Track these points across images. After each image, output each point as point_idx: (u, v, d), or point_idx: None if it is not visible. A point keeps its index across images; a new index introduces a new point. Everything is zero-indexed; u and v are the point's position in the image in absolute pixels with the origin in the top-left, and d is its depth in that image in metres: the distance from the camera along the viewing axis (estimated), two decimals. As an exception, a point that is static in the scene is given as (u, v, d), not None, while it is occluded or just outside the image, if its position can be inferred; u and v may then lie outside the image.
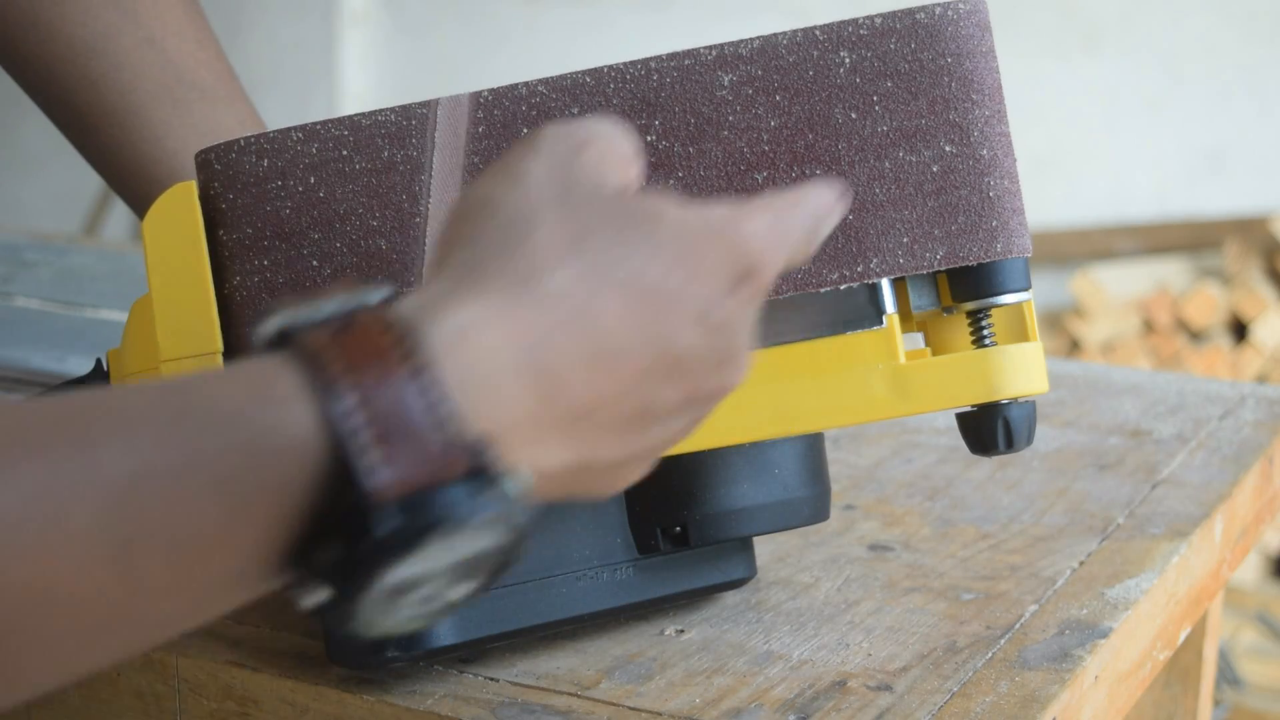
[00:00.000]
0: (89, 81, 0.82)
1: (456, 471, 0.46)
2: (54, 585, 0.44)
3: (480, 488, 0.46)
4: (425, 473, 0.46)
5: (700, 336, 0.52)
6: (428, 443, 0.46)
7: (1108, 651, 0.72)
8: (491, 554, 0.48)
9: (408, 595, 0.48)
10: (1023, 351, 0.66)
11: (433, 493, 0.46)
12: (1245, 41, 2.95)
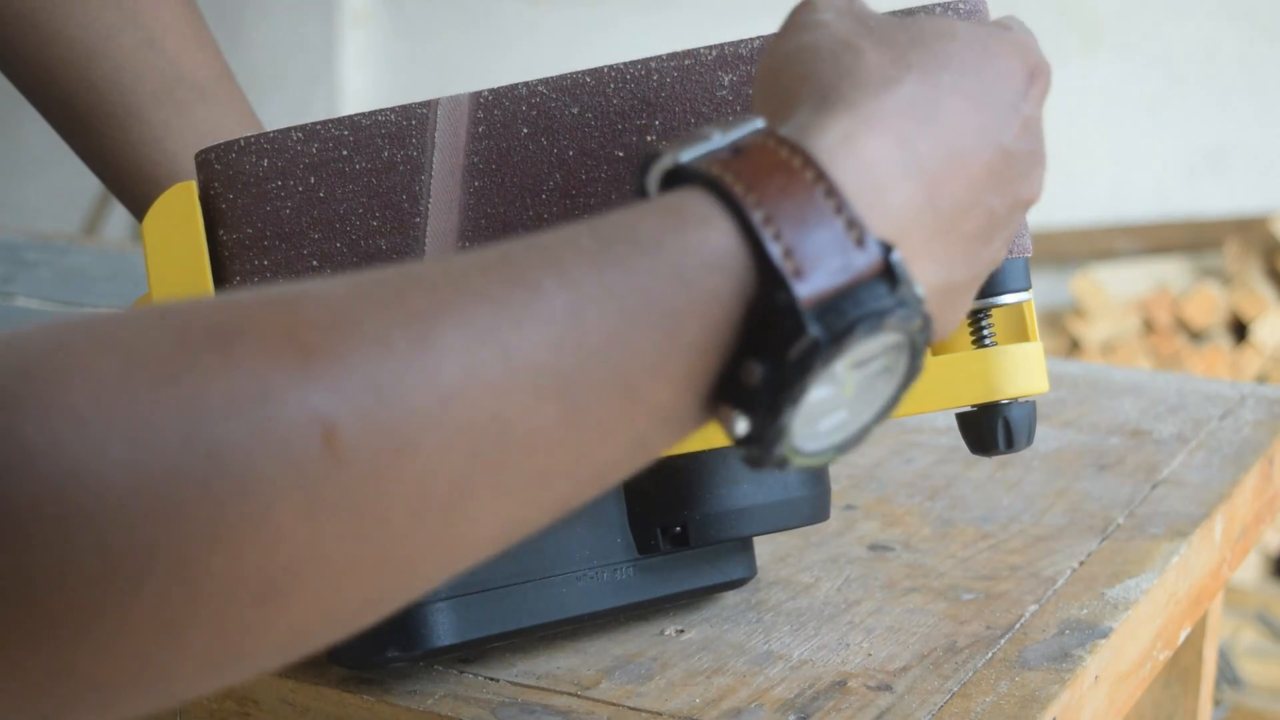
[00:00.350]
0: (89, 84, 0.82)
1: (870, 272, 0.47)
2: (509, 424, 0.44)
3: (892, 286, 0.48)
4: (843, 274, 0.47)
5: (1021, 135, 0.55)
6: (841, 245, 0.47)
7: (1108, 651, 0.72)
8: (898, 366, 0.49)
9: (826, 418, 0.49)
10: (1023, 351, 0.66)
11: (852, 292, 0.47)
12: (1245, 41, 2.95)
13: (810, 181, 0.48)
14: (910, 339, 0.49)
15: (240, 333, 0.42)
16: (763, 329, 0.47)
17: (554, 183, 0.65)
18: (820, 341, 0.46)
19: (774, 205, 0.47)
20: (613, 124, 0.65)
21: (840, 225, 0.48)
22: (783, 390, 0.47)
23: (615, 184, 0.65)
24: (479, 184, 0.65)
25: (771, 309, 0.47)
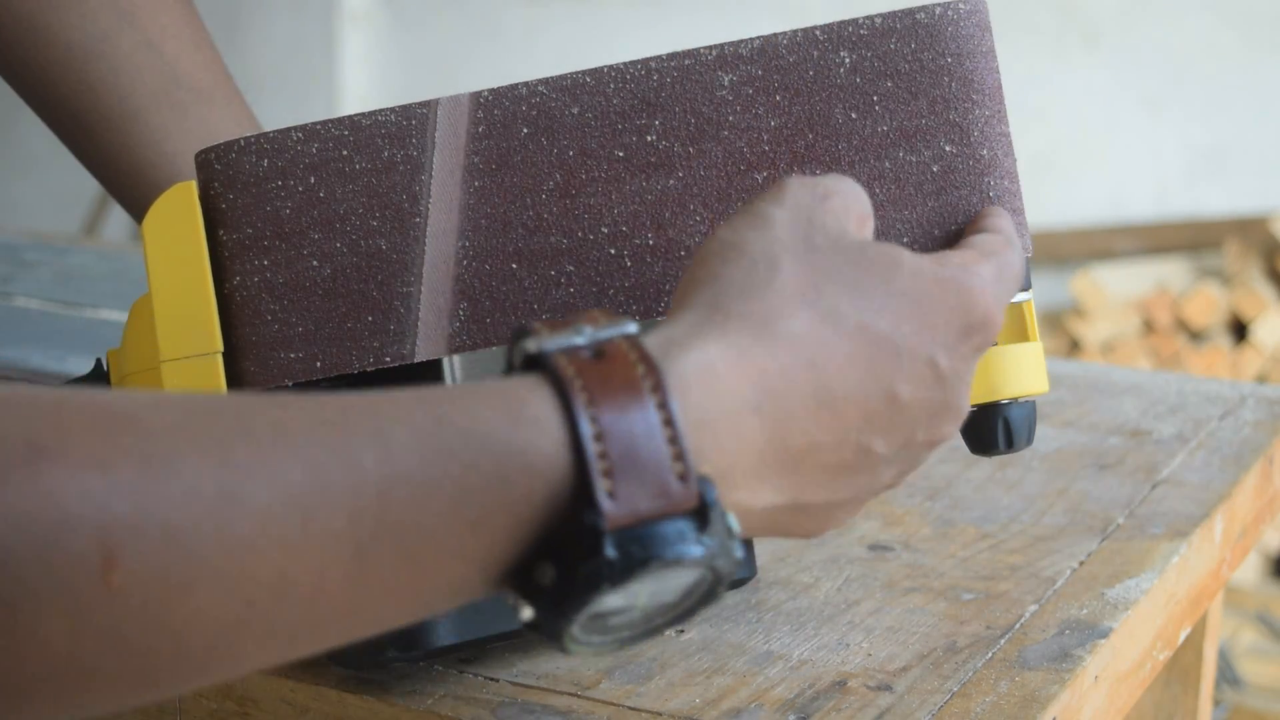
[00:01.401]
0: (87, 85, 0.81)
1: (683, 508, 0.48)
2: (293, 583, 0.45)
3: (701, 525, 0.48)
4: (655, 505, 0.48)
5: (924, 386, 0.55)
6: (663, 477, 0.48)
7: (1108, 651, 0.72)
8: (696, 590, 0.50)
9: (609, 620, 0.50)
10: (1023, 351, 0.66)
11: (658, 525, 0.48)
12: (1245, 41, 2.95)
13: (653, 407, 0.48)
14: (709, 574, 0.49)
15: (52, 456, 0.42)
16: (563, 538, 0.48)
17: (554, 183, 0.65)
18: (613, 565, 0.47)
19: (609, 423, 0.48)
20: (613, 124, 0.65)
21: (668, 457, 0.48)
22: (569, 599, 0.48)
23: (615, 184, 0.65)
24: (479, 184, 0.65)
25: (577, 524, 0.47)
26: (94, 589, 0.42)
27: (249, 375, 0.65)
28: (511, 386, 0.49)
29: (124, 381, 0.68)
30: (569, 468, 0.48)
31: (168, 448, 0.44)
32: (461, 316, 0.65)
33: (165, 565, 0.43)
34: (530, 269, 0.65)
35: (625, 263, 0.65)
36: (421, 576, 0.48)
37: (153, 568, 0.43)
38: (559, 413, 0.48)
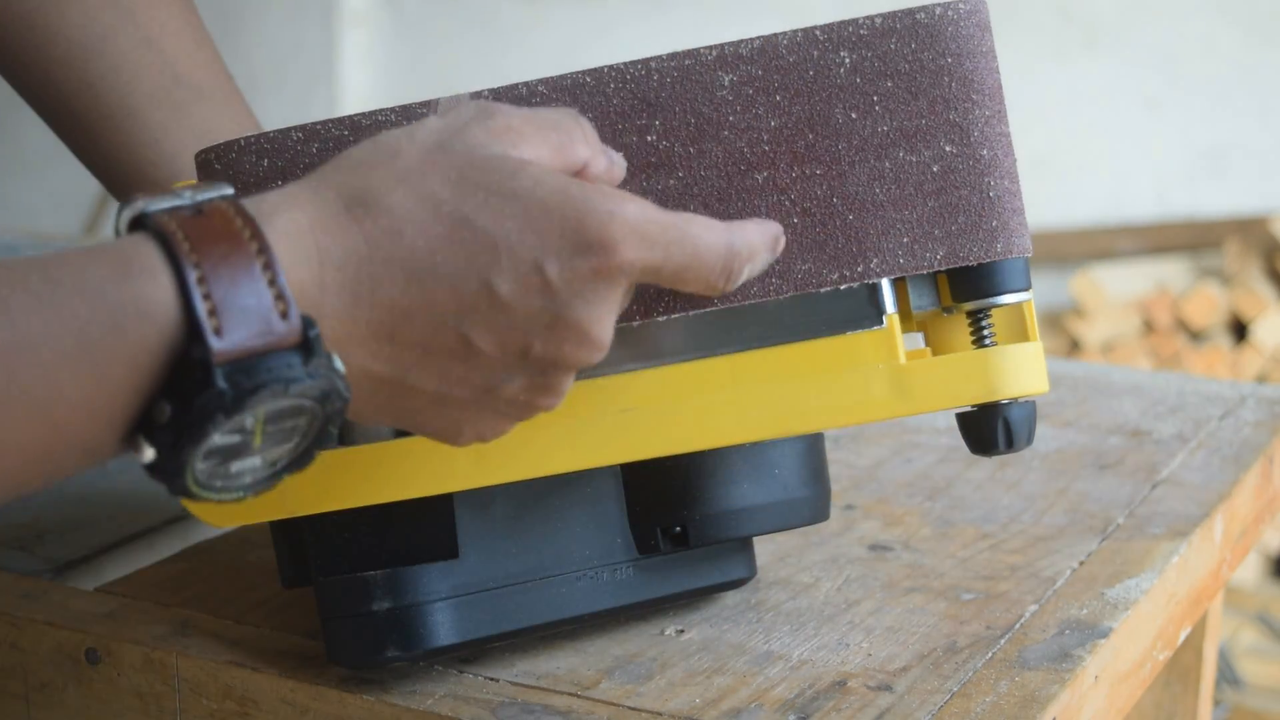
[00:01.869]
0: (87, 84, 0.81)
1: (288, 342, 0.52)
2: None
3: (306, 358, 0.52)
4: (260, 339, 0.52)
5: (528, 291, 0.56)
6: (265, 313, 0.52)
7: (1108, 651, 0.72)
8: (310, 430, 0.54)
9: (238, 462, 0.53)
10: (1023, 351, 0.66)
11: (265, 358, 0.52)
12: (1245, 41, 2.95)
13: (252, 253, 0.52)
14: (317, 409, 0.53)
15: None
16: (178, 376, 0.51)
17: (554, 183, 0.65)
18: (224, 395, 0.51)
19: (212, 267, 0.51)
20: (613, 124, 0.65)
21: (270, 297, 0.52)
22: (185, 431, 0.51)
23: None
24: (479, 184, 0.65)
25: (188, 360, 0.51)
26: None
27: (249, 375, 0.65)
28: (121, 245, 0.52)
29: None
30: (179, 313, 0.51)
31: None
32: (461, 316, 0.65)
33: None
34: (530, 269, 0.65)
35: (625, 263, 0.65)
36: (52, 436, 0.50)
37: None
38: (165, 262, 0.51)
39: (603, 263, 0.56)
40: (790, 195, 0.65)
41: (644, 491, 0.71)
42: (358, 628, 0.67)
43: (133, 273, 0.51)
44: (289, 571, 0.70)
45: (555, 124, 0.59)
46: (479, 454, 0.65)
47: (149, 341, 0.51)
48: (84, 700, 0.72)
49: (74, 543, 0.82)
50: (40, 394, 0.50)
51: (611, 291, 0.57)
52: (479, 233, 0.56)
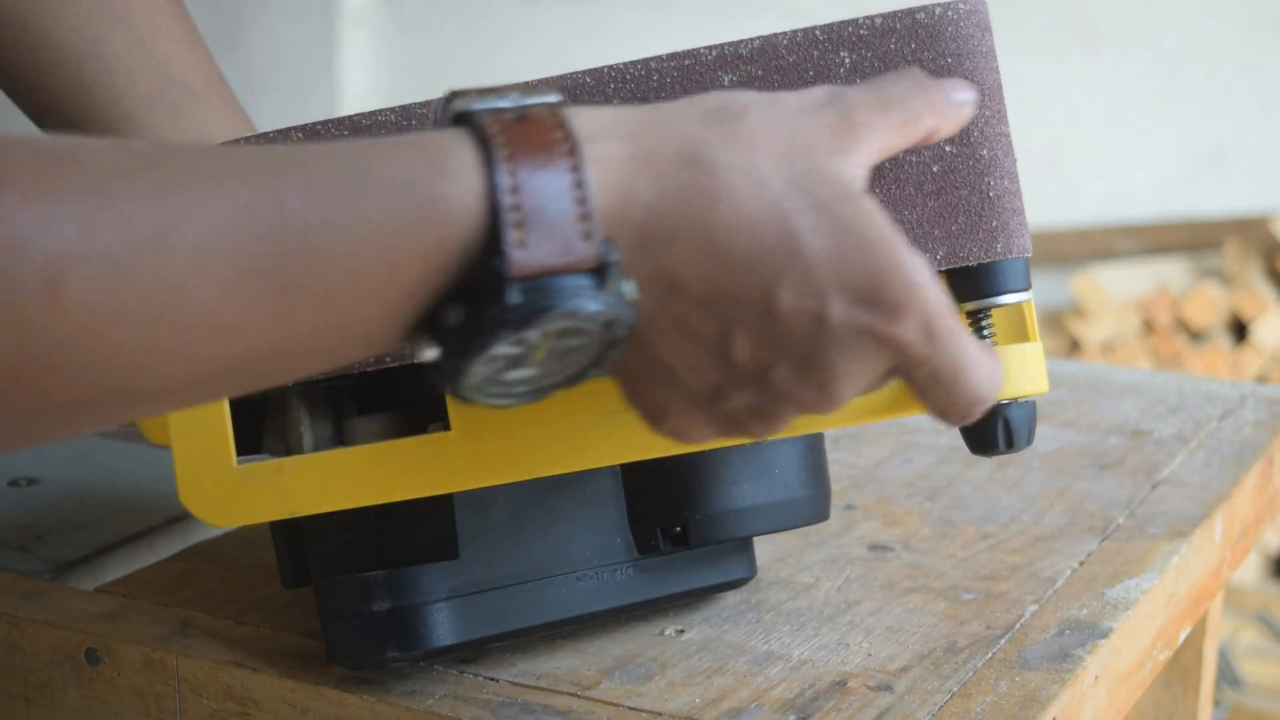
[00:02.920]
0: (81, 87, 0.81)
1: (586, 264, 0.51)
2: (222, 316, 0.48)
3: (600, 283, 0.51)
4: (560, 257, 0.51)
5: (801, 313, 0.54)
6: (569, 231, 0.51)
7: (1108, 651, 0.72)
8: (589, 350, 0.53)
9: (514, 372, 0.53)
10: (1023, 351, 0.66)
11: (561, 278, 0.51)
12: (1245, 41, 2.95)
13: (566, 169, 0.51)
14: (603, 333, 0.52)
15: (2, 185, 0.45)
16: (472, 283, 0.51)
17: (554, 183, 0.65)
18: (516, 309, 0.50)
19: (525, 179, 0.50)
20: (613, 124, 0.65)
21: (575, 217, 0.51)
22: (473, 338, 0.51)
23: (615, 184, 0.65)
24: (479, 184, 0.65)
25: (486, 268, 0.50)
26: (40, 309, 0.45)
27: (249, 375, 0.65)
28: (437, 140, 0.51)
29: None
30: (484, 217, 0.50)
31: (108, 184, 0.46)
32: (461, 316, 0.65)
33: (106, 291, 0.46)
34: (530, 269, 0.65)
35: (625, 263, 0.65)
36: (343, 318, 0.50)
37: (95, 292, 0.46)
38: (479, 166, 0.50)
39: (883, 325, 0.55)
40: (790, 195, 0.65)
41: (644, 492, 0.71)
42: (358, 628, 0.67)
43: (446, 171, 0.50)
44: (289, 571, 0.70)
45: (898, 101, 0.58)
46: (479, 454, 0.65)
47: (450, 243, 0.50)
48: (84, 700, 0.72)
49: (74, 543, 0.82)
50: (333, 279, 0.49)
51: (873, 356, 0.55)
52: (790, 235, 0.54)
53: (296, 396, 0.67)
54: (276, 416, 0.68)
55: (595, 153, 0.52)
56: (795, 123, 0.56)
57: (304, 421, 0.67)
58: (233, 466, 0.66)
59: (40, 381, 0.46)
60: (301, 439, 0.66)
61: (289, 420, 0.67)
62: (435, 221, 0.50)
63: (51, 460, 0.92)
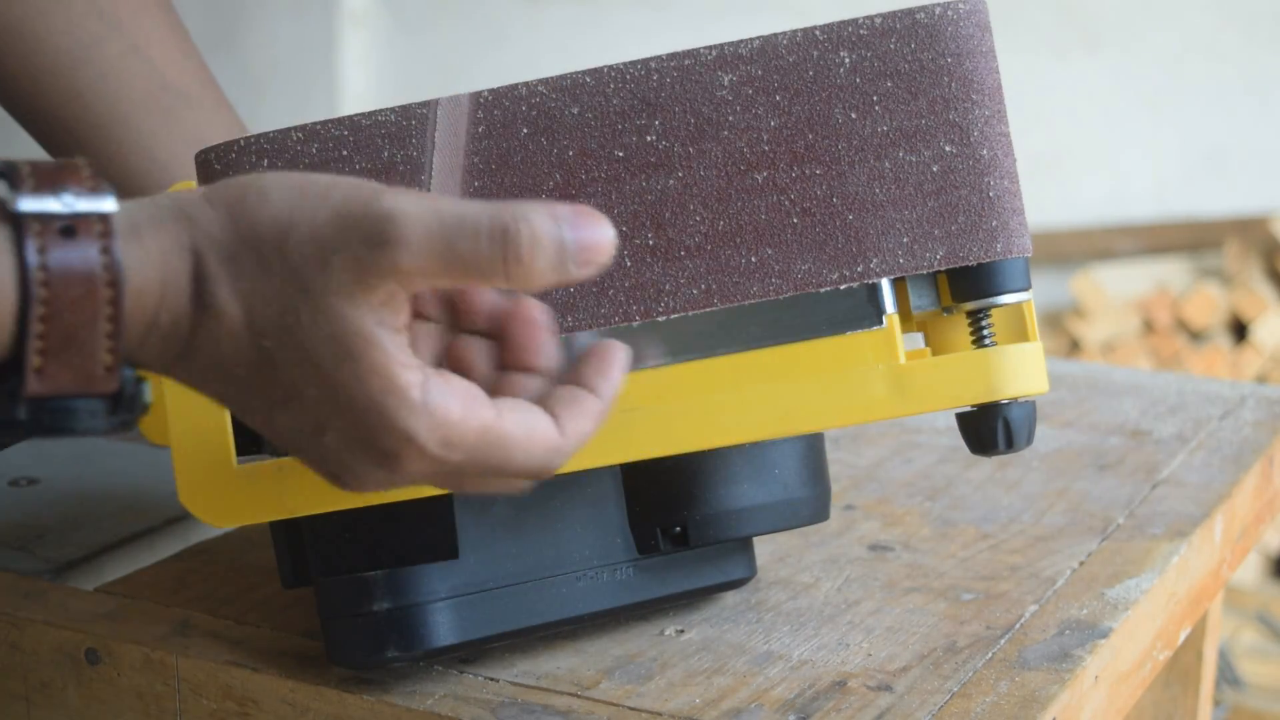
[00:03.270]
0: (75, 92, 0.81)
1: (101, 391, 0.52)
2: None
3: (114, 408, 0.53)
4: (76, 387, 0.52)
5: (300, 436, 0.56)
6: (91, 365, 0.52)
7: (1108, 651, 0.72)
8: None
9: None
10: (1023, 351, 0.66)
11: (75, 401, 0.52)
12: (1245, 41, 2.95)
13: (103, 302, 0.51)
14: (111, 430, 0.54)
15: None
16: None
17: (554, 183, 0.65)
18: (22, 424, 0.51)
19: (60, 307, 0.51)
20: (613, 124, 0.65)
21: (103, 349, 0.52)
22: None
23: (615, 184, 0.65)
24: (479, 184, 0.65)
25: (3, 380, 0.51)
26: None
27: (249, 375, 0.65)
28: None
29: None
30: (11, 333, 0.51)
31: None
32: (461, 316, 0.65)
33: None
34: (530, 269, 0.65)
35: (625, 263, 0.65)
36: None
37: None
38: (16, 278, 0.50)
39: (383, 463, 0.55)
40: (790, 195, 0.65)
41: (644, 492, 0.71)
42: (358, 628, 0.67)
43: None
44: (289, 571, 0.70)
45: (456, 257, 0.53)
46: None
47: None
48: (84, 700, 0.72)
49: (74, 543, 0.82)
50: None
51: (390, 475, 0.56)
52: (280, 381, 0.54)
53: (296, 396, 0.67)
54: (276, 416, 0.68)
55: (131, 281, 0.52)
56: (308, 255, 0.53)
57: (304, 421, 0.67)
58: (233, 466, 0.66)
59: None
60: (301, 439, 0.66)
61: (289, 420, 0.67)
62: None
63: (51, 460, 0.92)
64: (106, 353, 0.52)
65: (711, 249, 0.65)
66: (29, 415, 0.51)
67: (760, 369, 0.65)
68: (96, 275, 0.51)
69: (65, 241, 0.51)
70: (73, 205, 0.51)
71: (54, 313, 0.51)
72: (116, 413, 0.53)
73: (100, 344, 0.51)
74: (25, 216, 0.51)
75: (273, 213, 0.54)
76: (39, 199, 0.51)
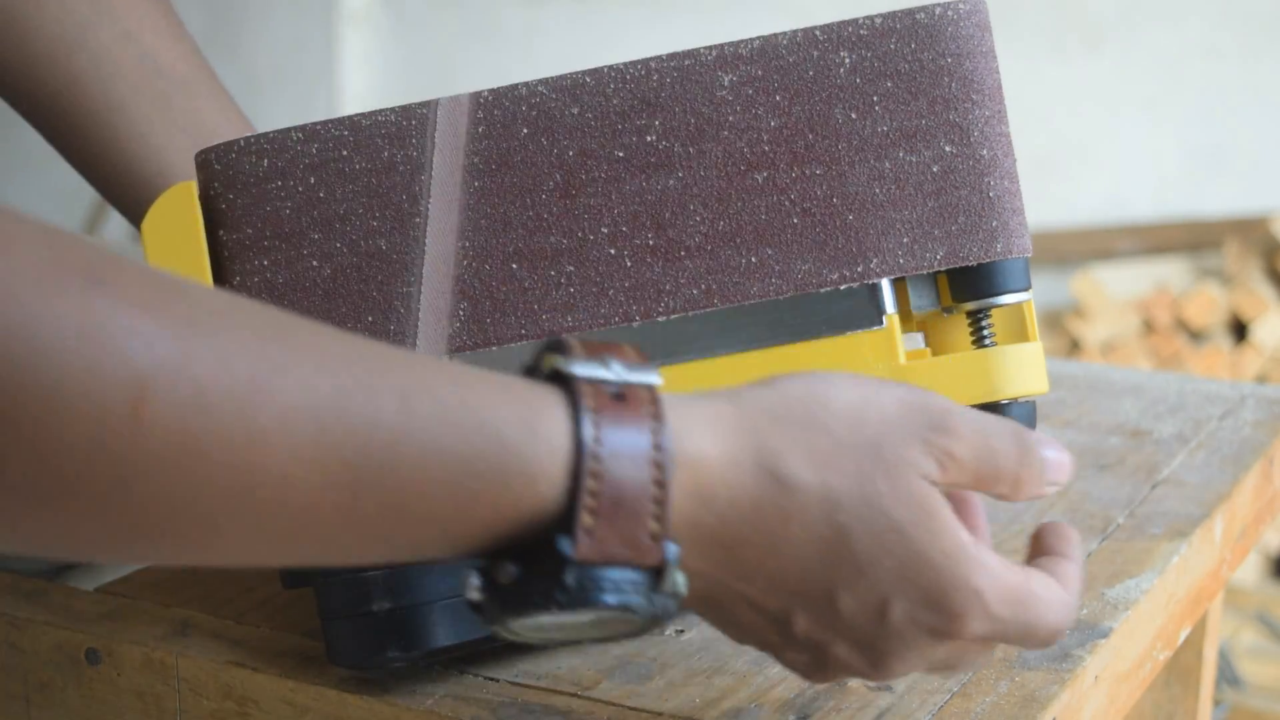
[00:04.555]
0: (70, 79, 0.82)
1: (646, 562, 0.52)
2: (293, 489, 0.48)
3: (656, 584, 0.52)
4: (622, 554, 0.51)
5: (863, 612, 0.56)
6: (638, 530, 0.52)
7: (1108, 651, 0.72)
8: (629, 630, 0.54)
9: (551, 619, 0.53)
10: (1023, 351, 0.66)
11: (618, 570, 0.52)
12: (1245, 41, 2.95)
13: (650, 463, 0.52)
14: (647, 624, 0.54)
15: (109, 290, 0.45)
16: (534, 549, 0.51)
17: (554, 183, 0.65)
18: (567, 592, 0.51)
19: (610, 467, 0.51)
20: (613, 124, 0.65)
21: (650, 515, 0.52)
22: (519, 602, 0.52)
23: (615, 184, 0.65)
24: (479, 184, 0.65)
25: (549, 543, 0.51)
26: (122, 417, 0.44)
27: (249, 375, 0.65)
28: (536, 395, 0.52)
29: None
30: (563, 493, 0.51)
31: (213, 321, 0.47)
32: (461, 316, 0.65)
33: (190, 421, 0.45)
34: (530, 269, 0.65)
35: (625, 263, 0.65)
36: (400, 530, 0.50)
37: (179, 418, 0.45)
38: (570, 441, 0.51)
39: (945, 628, 0.56)
40: (790, 195, 0.65)
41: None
42: (358, 628, 0.67)
43: (536, 433, 0.51)
44: (289, 572, 0.70)
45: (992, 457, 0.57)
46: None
47: (522, 504, 0.51)
48: (84, 700, 0.72)
49: (74, 543, 0.82)
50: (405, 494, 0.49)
51: (936, 648, 0.57)
52: (855, 555, 0.55)
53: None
54: (276, 416, 0.68)
55: (685, 451, 0.53)
56: (883, 439, 0.55)
57: (304, 421, 0.67)
58: (233, 466, 0.66)
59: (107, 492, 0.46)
60: (301, 439, 0.66)
61: (289, 420, 0.67)
62: (515, 478, 0.50)
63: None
64: (653, 519, 0.52)
65: (711, 249, 0.65)
66: (575, 582, 0.51)
67: (760, 369, 0.65)
68: (647, 439, 0.52)
69: (616, 404, 0.52)
70: (622, 375, 0.53)
71: (606, 471, 0.51)
72: (658, 590, 0.52)
73: (647, 509, 0.51)
74: (579, 380, 0.52)
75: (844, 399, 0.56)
76: (590, 365, 0.53)
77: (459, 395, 0.50)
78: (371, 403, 0.48)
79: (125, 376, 0.44)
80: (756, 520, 0.54)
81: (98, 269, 0.45)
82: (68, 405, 0.44)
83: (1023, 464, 0.58)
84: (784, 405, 0.55)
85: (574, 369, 0.52)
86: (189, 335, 0.46)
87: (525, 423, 0.51)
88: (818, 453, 0.55)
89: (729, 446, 0.54)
